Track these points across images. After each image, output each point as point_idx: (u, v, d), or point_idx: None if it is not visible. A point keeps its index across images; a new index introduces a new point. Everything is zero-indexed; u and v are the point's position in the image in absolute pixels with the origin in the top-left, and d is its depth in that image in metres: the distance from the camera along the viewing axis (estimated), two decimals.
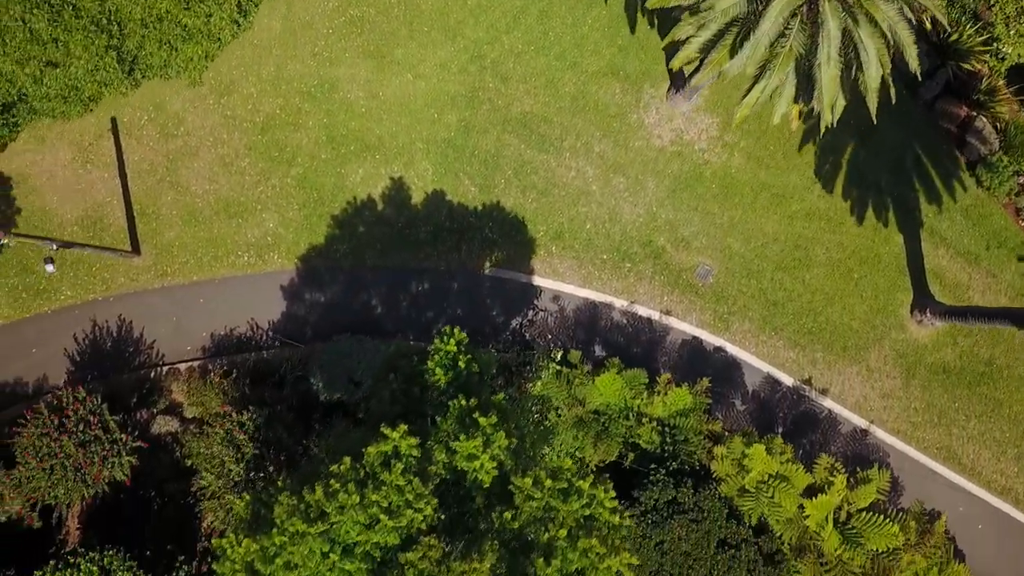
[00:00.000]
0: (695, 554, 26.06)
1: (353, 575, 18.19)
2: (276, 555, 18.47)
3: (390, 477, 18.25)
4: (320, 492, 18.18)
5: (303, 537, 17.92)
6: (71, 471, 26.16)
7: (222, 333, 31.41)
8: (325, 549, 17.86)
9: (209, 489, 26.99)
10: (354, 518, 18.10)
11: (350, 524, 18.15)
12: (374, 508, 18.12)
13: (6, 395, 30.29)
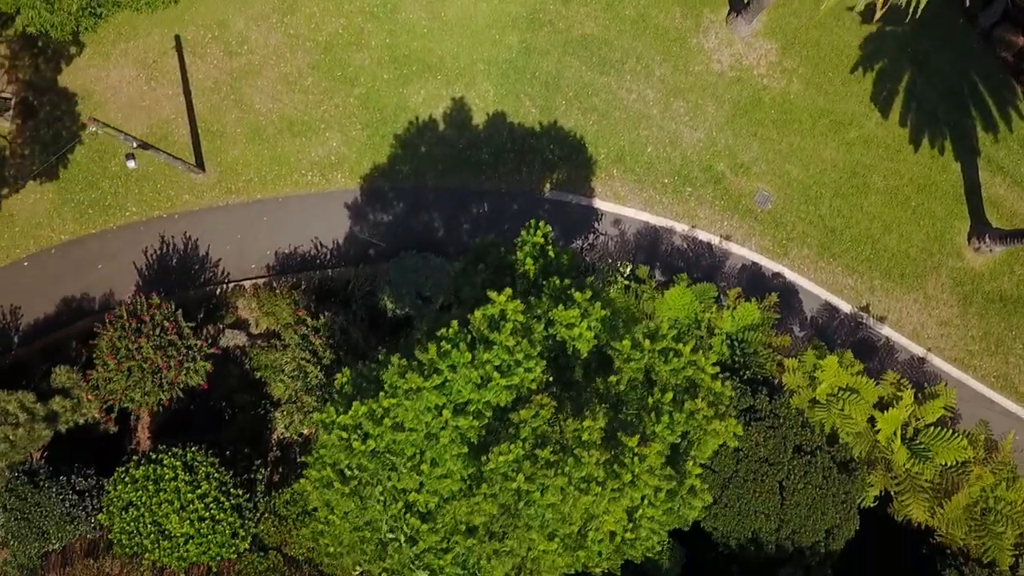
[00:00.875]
0: (772, 459, 26.06)
1: (466, 432, 18.15)
2: (384, 417, 18.45)
3: (499, 337, 18.22)
4: (433, 351, 18.15)
5: (418, 393, 17.90)
6: (149, 373, 26.15)
7: (286, 251, 31.40)
8: (440, 403, 17.83)
9: (286, 393, 26.97)
10: (466, 376, 18.08)
11: (462, 383, 18.13)
12: (486, 367, 18.10)
13: (73, 310, 30.30)
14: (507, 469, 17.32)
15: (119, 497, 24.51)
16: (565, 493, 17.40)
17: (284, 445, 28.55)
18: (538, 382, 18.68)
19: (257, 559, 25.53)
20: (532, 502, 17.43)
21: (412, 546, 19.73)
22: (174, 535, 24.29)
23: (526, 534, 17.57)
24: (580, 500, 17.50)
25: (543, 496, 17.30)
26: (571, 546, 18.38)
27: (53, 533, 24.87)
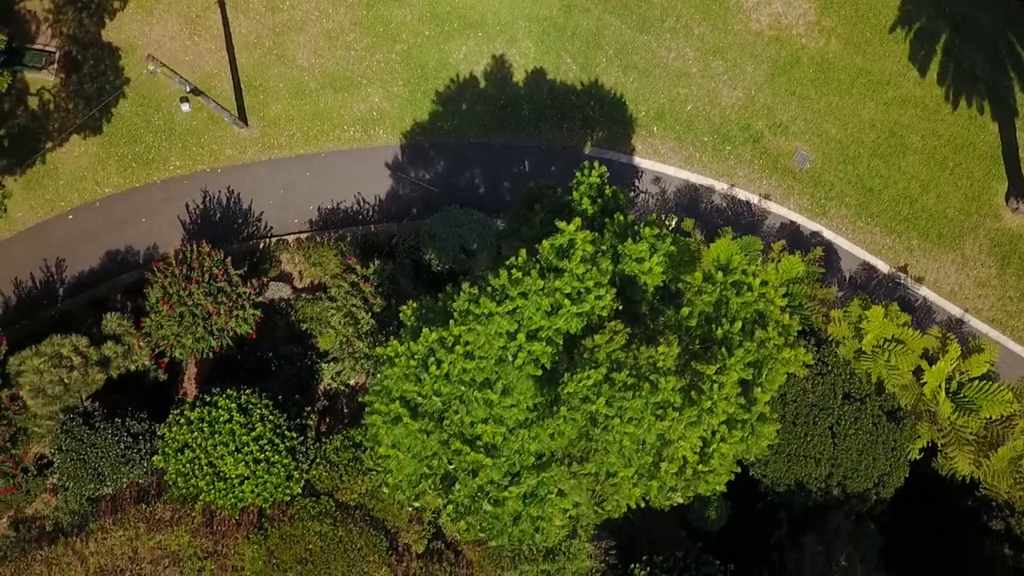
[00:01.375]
0: (821, 404, 26.11)
1: (539, 357, 18.19)
2: (456, 344, 18.49)
3: (570, 265, 18.27)
4: (504, 277, 18.19)
5: (490, 318, 17.93)
6: (200, 319, 26.21)
7: (328, 207, 31.45)
8: (512, 328, 17.87)
9: (336, 341, 27.02)
10: (537, 303, 18.12)
11: (532, 309, 18.18)
12: (556, 295, 18.15)
13: (117, 263, 30.39)
14: (586, 392, 17.36)
15: (174, 439, 24.57)
16: (642, 418, 17.44)
17: (331, 395, 28.59)
18: (608, 310, 18.72)
19: (310, 503, 25.59)
20: (610, 427, 17.45)
21: (473, 478, 19.81)
22: (229, 477, 24.36)
23: (605, 457, 17.58)
24: (656, 425, 17.54)
25: (621, 421, 17.33)
26: (645, 475, 18.41)
27: (108, 475, 24.93)
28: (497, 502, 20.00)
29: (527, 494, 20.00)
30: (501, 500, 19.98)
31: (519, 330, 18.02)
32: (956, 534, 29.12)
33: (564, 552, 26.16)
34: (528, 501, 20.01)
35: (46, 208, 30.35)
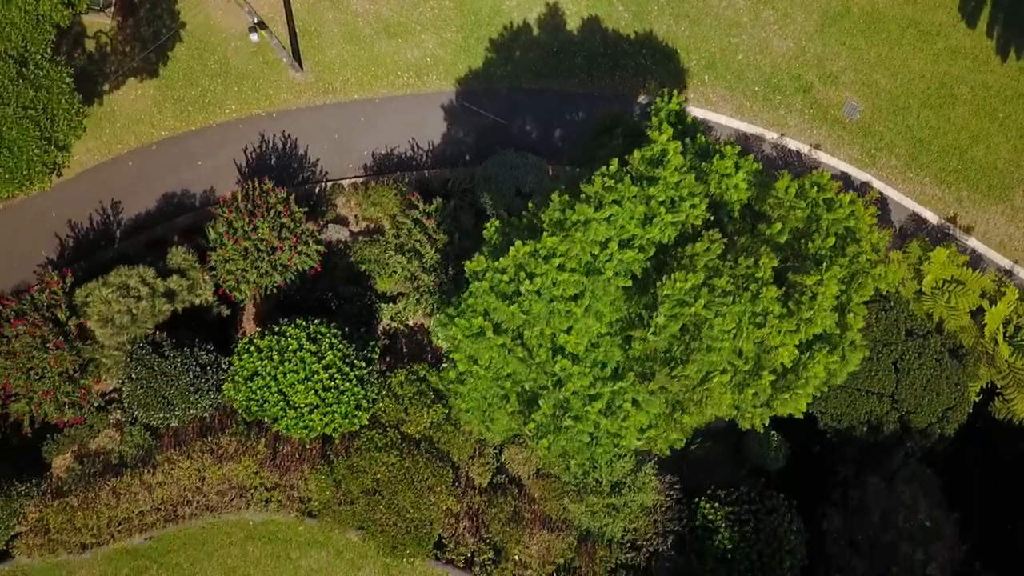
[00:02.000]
0: (885, 340, 26.09)
1: (631, 265, 18.20)
2: (549, 255, 18.49)
3: (664, 172, 18.27)
4: (599, 183, 18.19)
5: (587, 225, 17.92)
6: (265, 254, 26.23)
7: (383, 152, 31.46)
8: (609, 234, 17.87)
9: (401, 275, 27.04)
10: (631, 211, 18.12)
11: (627, 217, 18.17)
12: (652, 203, 18.14)
13: (174, 205, 30.46)
14: (684, 296, 17.36)
15: (244, 367, 24.59)
16: (740, 326, 17.45)
17: (391, 335, 28.62)
18: (702, 220, 18.74)
19: (376, 435, 25.63)
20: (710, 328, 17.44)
21: (559, 389, 19.84)
22: (298, 405, 24.38)
23: (707, 356, 17.56)
24: (754, 333, 17.55)
25: (720, 324, 17.32)
26: (739, 383, 18.41)
27: (177, 404, 24.96)
28: (578, 417, 20.04)
29: (605, 408, 20.02)
30: (582, 415, 20.03)
31: (612, 239, 18.01)
32: (1013, 477, 29.13)
33: (630, 485, 26.20)
34: (607, 413, 20.03)
35: (103, 150, 30.40)
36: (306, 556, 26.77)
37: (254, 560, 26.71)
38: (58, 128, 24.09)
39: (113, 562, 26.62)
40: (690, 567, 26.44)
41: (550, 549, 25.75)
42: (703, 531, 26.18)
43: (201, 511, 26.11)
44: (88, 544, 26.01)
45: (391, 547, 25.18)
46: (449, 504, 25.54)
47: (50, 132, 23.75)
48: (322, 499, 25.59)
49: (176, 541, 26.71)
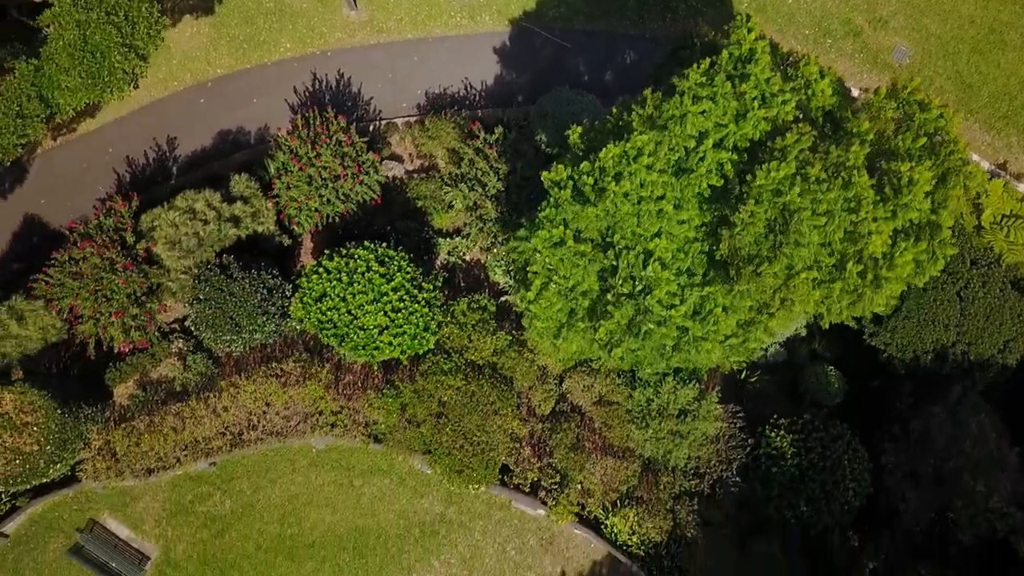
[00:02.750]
0: (949, 269, 26.01)
1: (724, 165, 18.17)
2: (639, 155, 18.47)
3: (754, 69, 18.25)
4: (694, 77, 18.16)
5: (683, 119, 17.89)
6: (328, 181, 26.20)
7: (436, 91, 31.39)
8: (705, 127, 17.84)
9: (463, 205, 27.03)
10: (724, 107, 18.10)
11: (719, 114, 18.15)
12: (745, 98, 18.12)
13: (229, 142, 30.41)
14: (777, 185, 17.34)
15: (313, 288, 24.58)
16: (832, 214, 17.43)
17: (449, 269, 28.60)
18: (792, 115, 18.72)
19: (441, 359, 25.60)
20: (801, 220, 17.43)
21: (643, 297, 19.82)
22: (367, 327, 24.36)
23: (795, 251, 17.55)
24: (846, 220, 17.52)
25: (813, 213, 17.31)
26: (826, 279, 18.39)
27: (245, 325, 24.92)
28: (662, 321, 20.02)
29: (691, 313, 20.02)
30: (666, 319, 20.01)
31: (709, 133, 18.00)
32: None
33: (693, 413, 26.18)
34: (695, 318, 20.02)
35: (160, 87, 30.38)
36: (369, 484, 26.76)
37: (317, 487, 26.70)
38: (138, 36, 24.11)
39: (177, 488, 26.63)
40: (754, 494, 26.43)
41: (614, 475, 25.73)
42: (767, 459, 26.15)
43: (266, 436, 26.14)
44: (154, 468, 26.02)
45: (457, 471, 25.17)
46: (515, 428, 25.52)
47: (131, 39, 23.78)
48: (388, 423, 25.58)
49: (239, 468, 26.71)
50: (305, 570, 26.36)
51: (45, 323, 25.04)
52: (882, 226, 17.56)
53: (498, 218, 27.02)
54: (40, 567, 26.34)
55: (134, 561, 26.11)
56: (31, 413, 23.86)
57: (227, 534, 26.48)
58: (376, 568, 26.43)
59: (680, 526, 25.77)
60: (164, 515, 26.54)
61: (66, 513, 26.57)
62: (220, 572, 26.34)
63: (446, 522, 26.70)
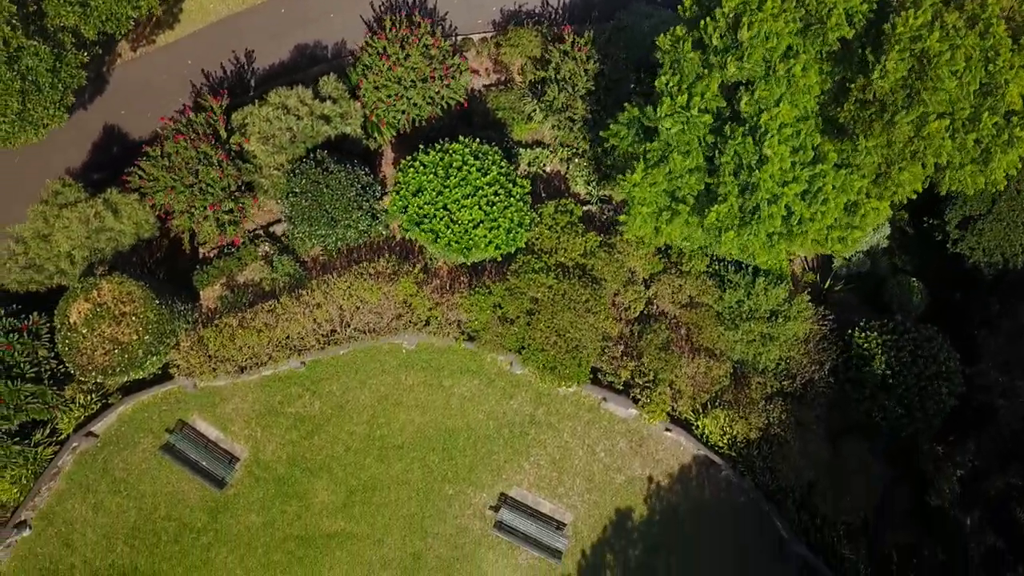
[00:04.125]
0: None
1: (855, 16, 18.07)
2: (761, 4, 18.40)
3: None
4: None
5: None
6: (417, 82, 26.11)
7: (512, 8, 31.25)
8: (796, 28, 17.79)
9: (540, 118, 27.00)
10: None
11: None
12: None
13: (306, 56, 30.33)
14: (917, 31, 17.23)
15: (408, 182, 24.49)
16: (970, 62, 17.31)
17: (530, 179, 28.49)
18: None
19: (532, 259, 25.50)
20: (932, 76, 17.32)
21: (760, 170, 19.75)
22: (462, 221, 24.28)
23: (932, 96, 17.43)
24: (981, 70, 17.41)
25: (949, 62, 17.20)
26: (960, 128, 18.26)
27: (341, 219, 24.82)
28: (774, 199, 19.94)
29: (802, 192, 19.94)
30: (778, 196, 19.93)
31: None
32: None
33: (784, 314, 26.08)
34: (805, 197, 19.94)
35: (237, 0, 30.31)
36: (459, 384, 26.69)
37: (407, 387, 26.63)
38: None
39: (266, 389, 26.58)
40: (845, 396, 26.32)
41: (705, 376, 25.62)
42: (859, 360, 26.04)
43: (358, 334, 26.06)
44: (246, 366, 25.96)
45: (550, 368, 25.09)
46: (607, 327, 25.43)
47: None
48: (481, 320, 25.48)
49: (329, 369, 26.65)
50: (394, 471, 26.30)
51: (139, 218, 24.97)
52: (1020, 73, 17.44)
53: (587, 119, 26.93)
54: (129, 467, 26.31)
55: (224, 461, 26.07)
56: (129, 303, 23.79)
57: (316, 435, 26.43)
58: (466, 468, 26.35)
59: (772, 427, 25.67)
60: (253, 416, 26.49)
61: (155, 414, 26.54)
62: (309, 473, 26.29)
63: (535, 423, 26.63)
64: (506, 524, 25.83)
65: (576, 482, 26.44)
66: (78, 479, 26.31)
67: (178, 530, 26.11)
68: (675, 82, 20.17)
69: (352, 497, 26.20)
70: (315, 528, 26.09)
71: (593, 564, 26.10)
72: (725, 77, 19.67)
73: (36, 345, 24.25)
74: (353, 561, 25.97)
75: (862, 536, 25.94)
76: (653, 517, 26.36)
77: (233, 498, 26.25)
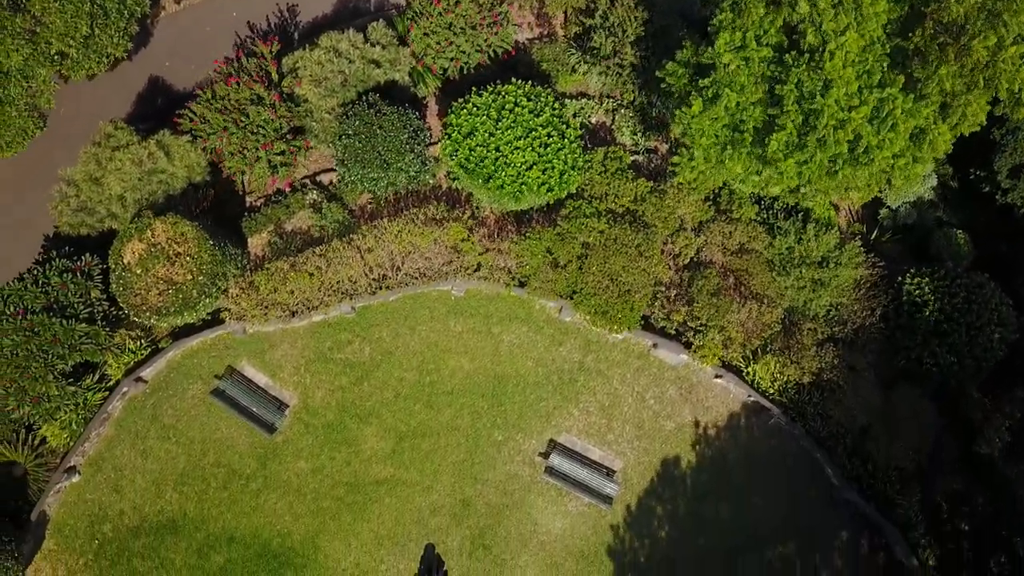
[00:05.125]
0: None
1: None
2: None
3: None
4: None
5: None
6: (467, 29, 26.05)
7: None
8: None
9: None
10: None
11: None
12: None
13: (348, 10, 30.40)
14: None
15: (460, 125, 24.43)
16: None
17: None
18: None
19: (584, 204, 25.43)
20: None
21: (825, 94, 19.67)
22: (515, 163, 24.21)
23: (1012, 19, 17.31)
24: None
25: None
26: None
27: (393, 161, 24.76)
28: (840, 124, 19.86)
29: (871, 115, 19.85)
30: (844, 122, 19.85)
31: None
32: None
33: (835, 259, 25.99)
34: (873, 123, 19.85)
35: None
36: (507, 331, 26.63)
37: (456, 334, 26.58)
38: None
39: (316, 335, 26.54)
40: (895, 342, 26.21)
41: (757, 321, 25.52)
42: (910, 306, 25.93)
43: (409, 279, 26.00)
44: (297, 311, 25.92)
45: (602, 312, 25.02)
46: (659, 271, 25.34)
47: None
48: (532, 264, 25.41)
49: (378, 315, 26.60)
50: (443, 417, 26.25)
51: (191, 160, 24.95)
52: None
53: (636, 65, 26.86)
54: (179, 412, 26.29)
55: (273, 407, 26.03)
56: (183, 244, 23.76)
57: (366, 381, 26.39)
58: (515, 415, 26.29)
59: (824, 372, 25.57)
60: (303, 362, 26.46)
61: (204, 360, 26.52)
62: (359, 419, 26.25)
63: (584, 370, 26.56)
64: (556, 469, 25.77)
65: (625, 429, 26.37)
66: (127, 425, 26.30)
67: (227, 476, 26.09)
68: (732, 19, 20.03)
69: (401, 444, 26.15)
70: (364, 475, 26.05)
71: (642, 511, 26.02)
72: (793, 16, 19.56)
73: (89, 286, 24.26)
74: (402, 507, 25.92)
75: (915, 483, 25.81)
76: (702, 464, 26.27)
77: (282, 444, 26.23)
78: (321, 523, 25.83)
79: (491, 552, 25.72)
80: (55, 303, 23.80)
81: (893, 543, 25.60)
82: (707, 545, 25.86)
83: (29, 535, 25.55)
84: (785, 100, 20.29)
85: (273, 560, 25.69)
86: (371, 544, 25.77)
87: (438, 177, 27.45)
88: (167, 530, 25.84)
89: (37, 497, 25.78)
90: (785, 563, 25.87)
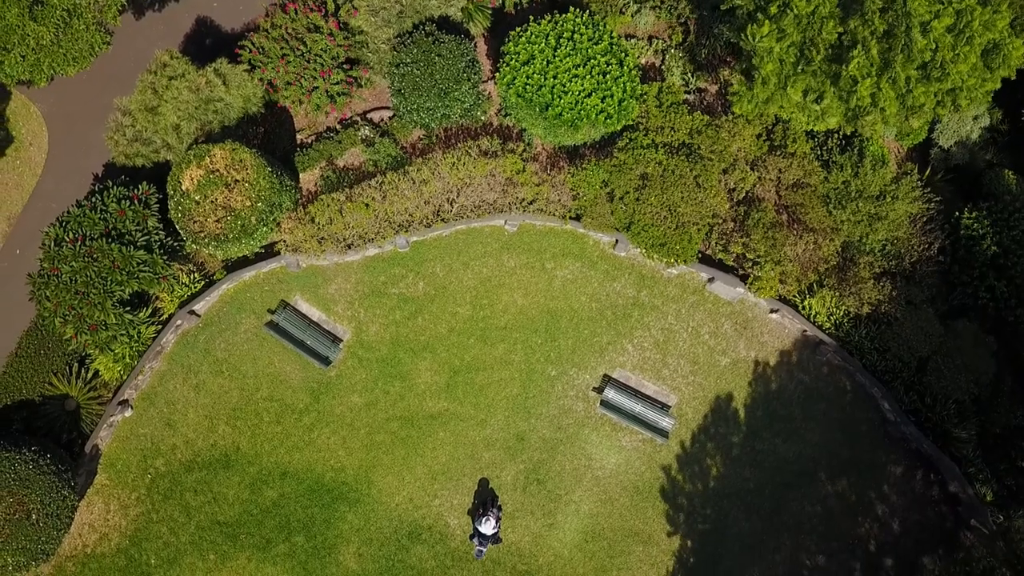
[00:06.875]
0: None
1: None
2: None
3: None
4: None
5: None
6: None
7: None
8: None
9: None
10: None
11: None
12: None
13: None
14: None
15: (518, 52, 24.33)
16: None
17: None
18: None
19: (640, 135, 25.23)
20: None
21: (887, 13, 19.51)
22: (573, 91, 24.09)
23: None
24: None
25: None
26: None
27: (451, 90, 24.64)
28: (925, 29, 19.76)
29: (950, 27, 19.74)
30: (928, 26, 19.76)
31: None
32: None
33: (892, 193, 25.84)
34: (952, 32, 19.72)
35: None
36: (561, 267, 26.52)
37: (509, 270, 26.47)
38: None
39: (369, 269, 26.44)
40: (953, 275, 26.07)
41: (814, 253, 25.37)
42: (967, 240, 25.79)
43: (465, 211, 25.89)
44: (352, 243, 25.82)
45: (659, 244, 24.89)
46: (716, 203, 25.21)
47: None
48: (589, 195, 25.30)
49: (432, 250, 26.49)
50: (497, 352, 26.14)
51: (248, 91, 24.87)
52: None
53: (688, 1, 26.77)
54: (231, 347, 26.22)
55: (327, 342, 25.93)
56: (241, 170, 23.68)
57: (419, 316, 26.29)
58: (568, 350, 26.18)
59: (881, 305, 25.42)
60: (356, 296, 26.37)
61: (258, 294, 26.44)
62: (413, 353, 26.15)
63: (639, 305, 26.44)
64: (611, 402, 25.65)
65: (680, 364, 26.25)
66: (180, 359, 26.23)
67: (280, 411, 26.02)
68: None
69: (455, 378, 26.05)
70: (418, 409, 25.95)
71: (697, 446, 25.90)
72: None
73: (146, 214, 24.18)
74: (456, 442, 25.82)
75: (973, 417, 25.65)
76: (757, 400, 26.14)
77: (335, 379, 26.14)
78: (374, 457, 25.74)
79: (545, 487, 25.61)
80: (113, 230, 23.73)
81: (950, 478, 25.45)
82: (761, 480, 25.73)
83: (82, 469, 25.48)
84: (866, 8, 20.12)
85: (326, 495, 25.60)
86: (425, 479, 25.67)
87: (489, 114, 27.34)
88: (220, 465, 25.77)
89: (90, 431, 25.72)
90: (840, 498, 25.73)
